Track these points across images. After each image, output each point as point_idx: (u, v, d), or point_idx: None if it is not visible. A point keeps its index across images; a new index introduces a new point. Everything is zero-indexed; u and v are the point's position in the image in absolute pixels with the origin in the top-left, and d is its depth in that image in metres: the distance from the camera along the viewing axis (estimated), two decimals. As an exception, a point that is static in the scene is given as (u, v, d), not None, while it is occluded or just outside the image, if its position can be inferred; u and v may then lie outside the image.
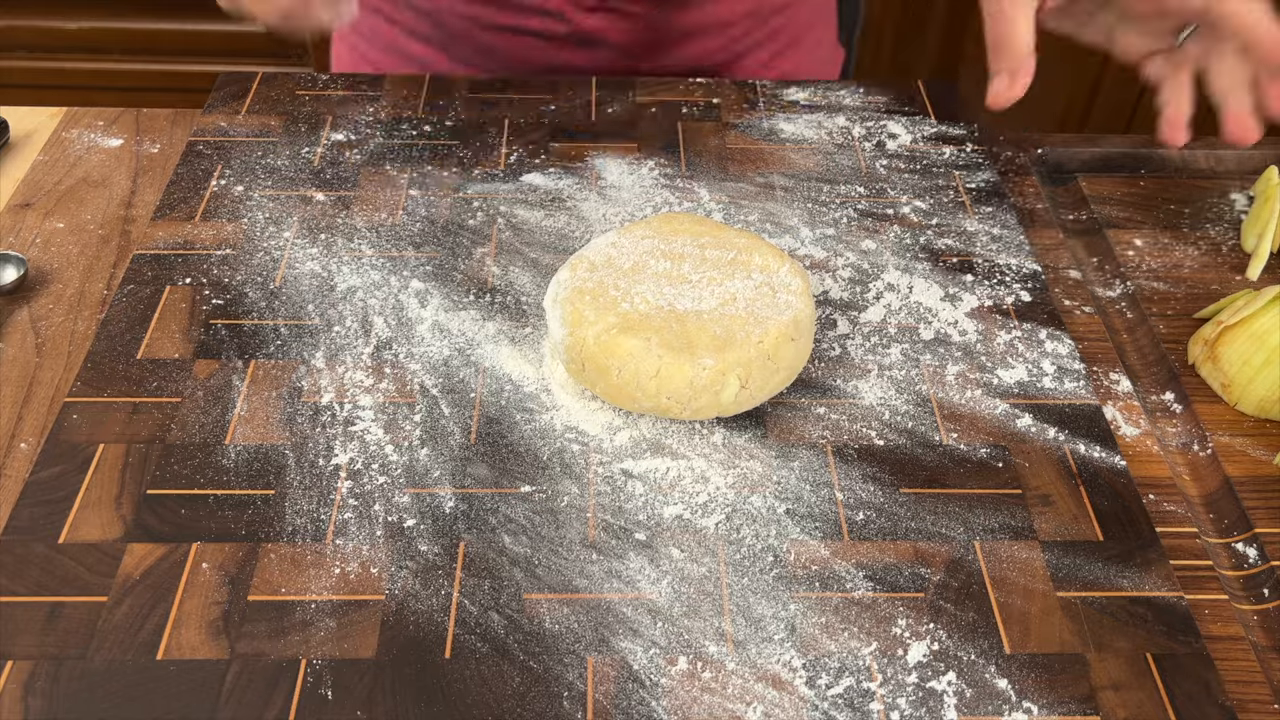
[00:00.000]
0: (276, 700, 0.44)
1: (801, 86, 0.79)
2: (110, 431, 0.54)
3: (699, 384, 0.52)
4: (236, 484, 0.52)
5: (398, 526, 0.51)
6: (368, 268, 0.64)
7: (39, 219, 0.69)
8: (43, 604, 0.47)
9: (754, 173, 0.72)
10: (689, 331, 0.54)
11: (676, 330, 0.54)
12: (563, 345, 0.55)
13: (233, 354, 0.58)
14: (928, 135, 0.75)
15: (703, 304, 0.55)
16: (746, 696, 0.45)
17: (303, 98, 0.77)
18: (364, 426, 0.55)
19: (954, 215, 0.69)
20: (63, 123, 0.77)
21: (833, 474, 0.54)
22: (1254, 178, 0.74)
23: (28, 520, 0.50)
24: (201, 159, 0.71)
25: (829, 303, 0.63)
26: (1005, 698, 0.45)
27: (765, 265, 0.57)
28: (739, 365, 0.53)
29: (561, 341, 0.55)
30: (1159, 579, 0.50)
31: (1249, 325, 0.58)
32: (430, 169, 0.71)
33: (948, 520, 0.52)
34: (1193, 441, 0.58)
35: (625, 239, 0.59)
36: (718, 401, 0.53)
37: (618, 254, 0.58)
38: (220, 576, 0.48)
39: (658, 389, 0.53)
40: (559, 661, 0.46)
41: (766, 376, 0.54)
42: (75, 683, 0.45)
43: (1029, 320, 0.62)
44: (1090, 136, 0.78)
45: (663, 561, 0.50)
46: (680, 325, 0.54)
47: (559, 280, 0.57)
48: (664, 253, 0.58)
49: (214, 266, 0.64)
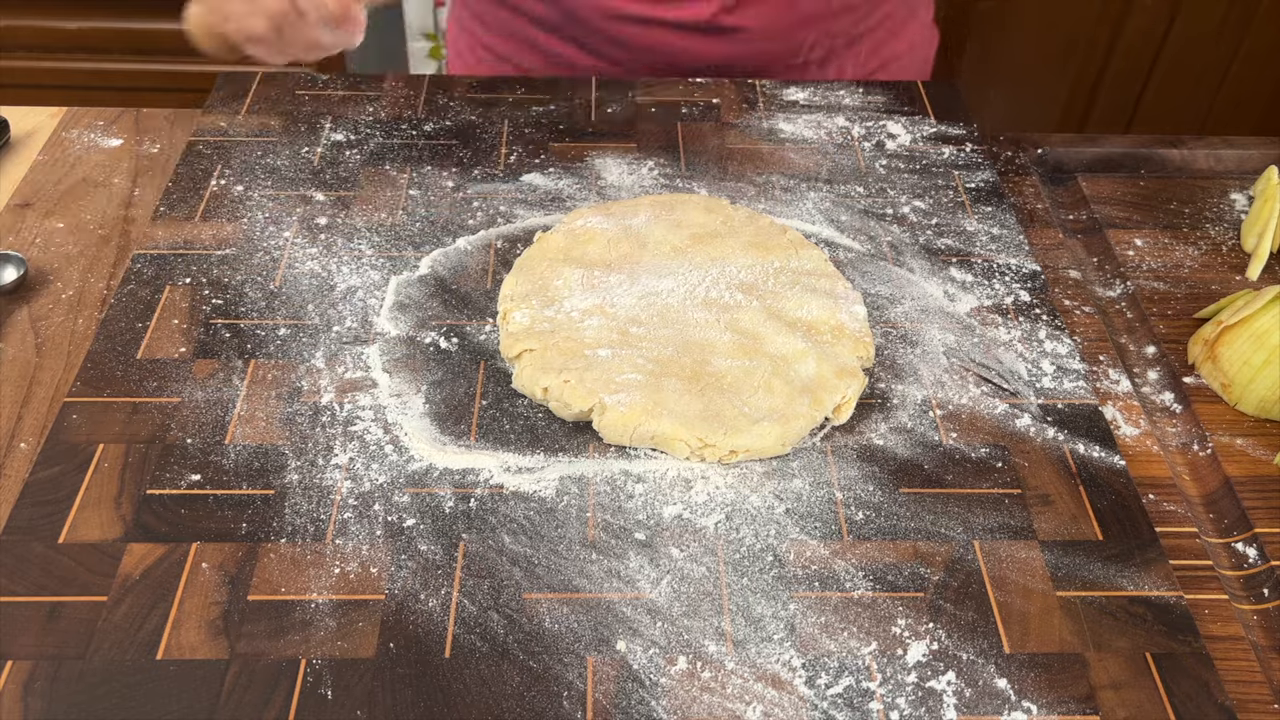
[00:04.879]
0: (276, 700, 0.44)
1: (801, 87, 0.79)
2: (110, 431, 0.54)
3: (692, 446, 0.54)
4: (236, 484, 0.52)
5: (398, 526, 0.51)
6: (368, 268, 0.64)
7: (39, 219, 0.69)
8: (42, 604, 0.47)
9: (753, 173, 0.72)
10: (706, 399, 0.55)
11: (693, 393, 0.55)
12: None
13: (232, 354, 0.58)
14: (927, 135, 0.75)
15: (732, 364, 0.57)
16: (746, 696, 0.45)
17: (303, 98, 0.77)
18: (364, 426, 0.55)
19: (953, 215, 0.69)
20: (63, 122, 0.77)
21: (832, 474, 0.54)
22: (1254, 178, 0.74)
23: (27, 520, 0.50)
24: (201, 159, 0.71)
25: (829, 303, 0.63)
26: (1005, 697, 0.45)
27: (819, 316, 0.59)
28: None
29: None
30: (1159, 579, 0.50)
31: (1249, 325, 0.58)
32: (430, 169, 0.71)
33: (947, 520, 0.52)
34: (1193, 441, 0.58)
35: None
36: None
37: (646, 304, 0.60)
38: (220, 576, 0.48)
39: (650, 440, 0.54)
40: (559, 661, 0.46)
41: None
42: (75, 683, 0.45)
43: (1029, 320, 0.62)
44: (1090, 136, 0.78)
45: (662, 561, 0.50)
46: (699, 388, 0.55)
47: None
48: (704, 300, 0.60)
49: (214, 266, 0.63)
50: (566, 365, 0.56)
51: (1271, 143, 0.77)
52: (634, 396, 0.54)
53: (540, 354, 0.56)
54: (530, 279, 0.61)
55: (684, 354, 0.57)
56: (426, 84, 0.78)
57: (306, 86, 0.78)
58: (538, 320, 0.58)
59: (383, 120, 0.75)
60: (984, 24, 1.58)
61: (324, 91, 0.78)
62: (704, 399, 0.54)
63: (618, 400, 0.54)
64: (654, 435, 0.53)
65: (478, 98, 0.77)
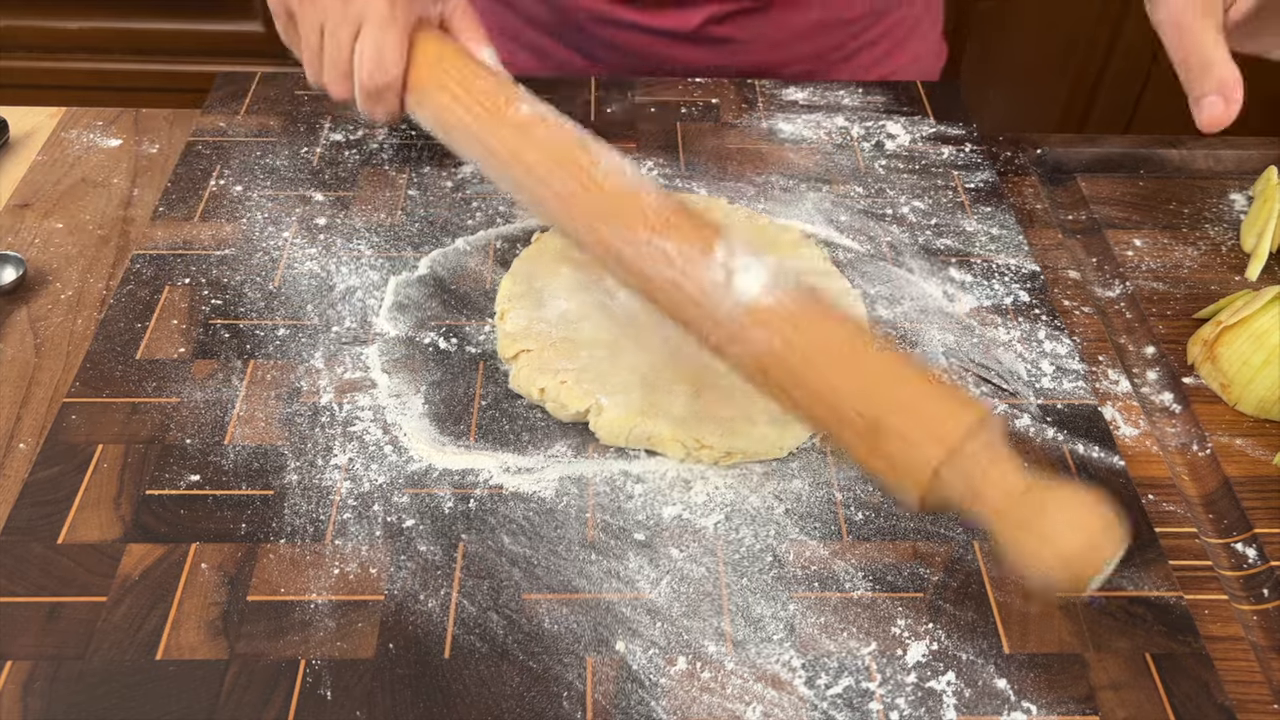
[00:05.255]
0: (276, 700, 0.44)
1: (800, 86, 0.79)
2: (109, 432, 0.54)
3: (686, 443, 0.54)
4: (236, 484, 0.52)
5: (397, 526, 0.51)
6: (367, 268, 0.64)
7: (38, 219, 0.69)
8: (42, 604, 0.47)
9: (753, 173, 0.72)
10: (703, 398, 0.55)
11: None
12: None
13: (232, 354, 0.58)
14: (926, 135, 0.75)
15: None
16: (746, 696, 0.45)
17: (302, 98, 0.77)
18: (363, 426, 0.55)
19: (953, 215, 0.69)
20: (62, 123, 0.77)
21: (832, 473, 0.54)
22: (1254, 178, 0.74)
23: (26, 520, 0.50)
24: (200, 159, 0.71)
25: (828, 303, 0.63)
26: (1004, 698, 0.45)
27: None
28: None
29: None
30: (1158, 579, 0.50)
31: (1248, 325, 0.58)
32: (430, 169, 0.71)
33: (947, 520, 0.52)
34: (1192, 442, 0.58)
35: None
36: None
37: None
38: (219, 577, 0.48)
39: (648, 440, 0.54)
40: (558, 661, 0.46)
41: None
42: (74, 683, 0.45)
43: (1028, 320, 0.62)
44: (1090, 136, 0.78)
45: (662, 561, 0.50)
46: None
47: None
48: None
49: (213, 266, 0.63)
50: (563, 366, 0.56)
51: (1271, 143, 0.77)
52: (631, 397, 0.54)
53: (537, 354, 0.56)
54: (528, 279, 0.61)
55: (682, 355, 0.57)
56: (426, 84, 0.78)
57: (305, 87, 0.78)
58: (535, 321, 0.58)
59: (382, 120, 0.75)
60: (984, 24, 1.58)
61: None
62: (701, 401, 0.54)
63: (614, 401, 0.54)
64: (650, 437, 0.53)
65: (477, 98, 0.77)
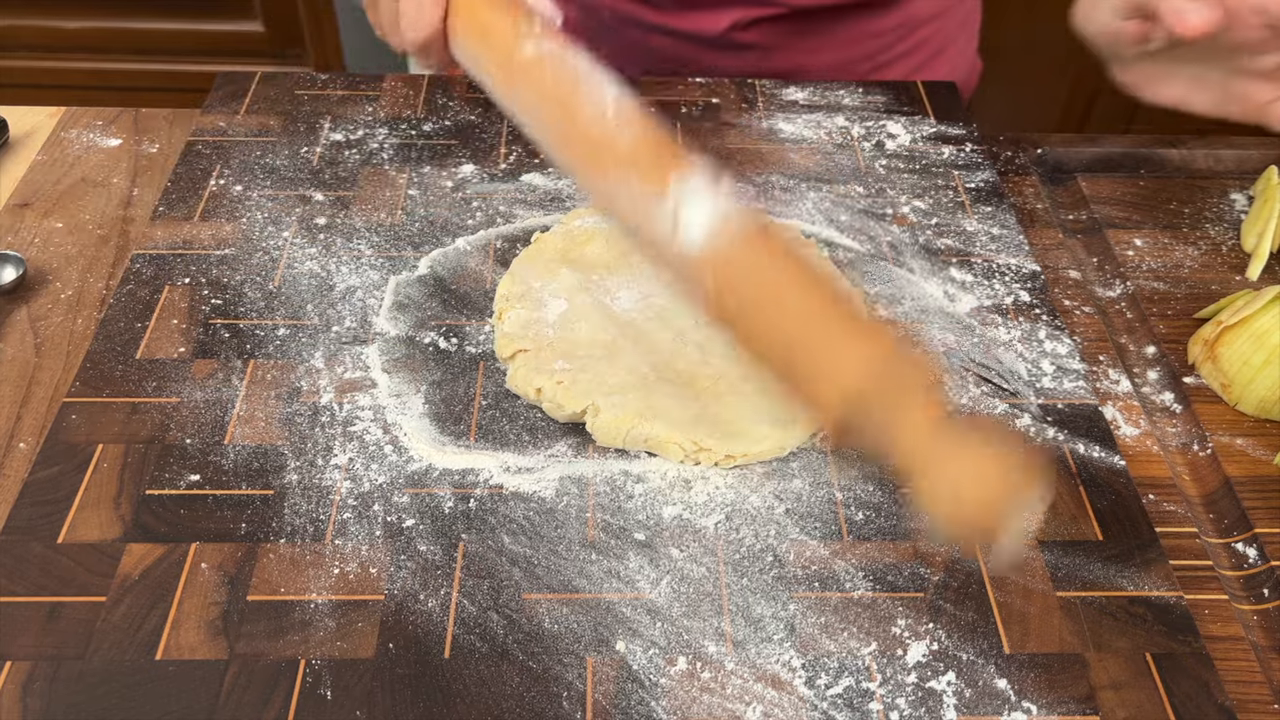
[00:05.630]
0: (276, 700, 0.44)
1: (800, 86, 0.79)
2: (109, 431, 0.54)
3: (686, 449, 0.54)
4: (236, 484, 0.52)
5: (397, 526, 0.51)
6: (367, 267, 0.64)
7: (38, 219, 0.69)
8: (41, 604, 0.47)
9: (753, 173, 0.72)
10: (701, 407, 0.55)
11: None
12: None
13: (231, 354, 0.58)
14: (927, 135, 0.75)
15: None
16: (746, 696, 0.45)
17: (302, 98, 0.77)
18: (364, 426, 0.55)
19: (953, 215, 0.69)
20: (61, 122, 0.77)
21: (832, 473, 0.54)
22: (1254, 178, 0.74)
23: (26, 520, 0.50)
24: (200, 159, 0.71)
25: (828, 303, 0.63)
26: (1005, 698, 0.45)
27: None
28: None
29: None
30: (1159, 579, 0.50)
31: (1249, 325, 0.58)
32: (429, 169, 0.71)
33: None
34: (1193, 441, 0.58)
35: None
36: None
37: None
38: (219, 576, 0.48)
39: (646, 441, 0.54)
40: (558, 661, 0.46)
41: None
42: (74, 683, 0.44)
43: (1028, 320, 0.62)
44: (1090, 136, 0.78)
45: (662, 561, 0.50)
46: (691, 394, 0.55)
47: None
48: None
49: (213, 266, 0.63)
50: (560, 366, 0.55)
51: (1271, 143, 0.77)
52: (628, 399, 0.54)
53: (534, 354, 0.56)
54: (527, 279, 0.61)
55: (681, 356, 0.57)
56: (426, 84, 0.78)
57: (305, 86, 0.78)
58: (533, 320, 0.58)
59: (382, 120, 0.75)
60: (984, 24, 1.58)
61: (323, 91, 0.77)
62: (700, 402, 0.54)
63: (611, 402, 0.54)
64: (647, 439, 0.53)
65: (477, 97, 0.77)
